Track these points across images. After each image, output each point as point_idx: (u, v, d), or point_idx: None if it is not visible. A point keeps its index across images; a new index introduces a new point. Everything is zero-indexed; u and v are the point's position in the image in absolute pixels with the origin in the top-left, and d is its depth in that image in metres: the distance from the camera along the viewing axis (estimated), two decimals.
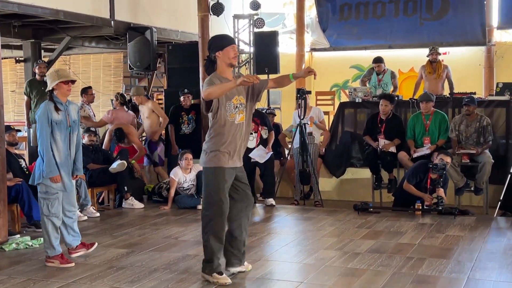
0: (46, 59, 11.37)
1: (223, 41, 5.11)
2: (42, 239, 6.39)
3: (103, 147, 9.28)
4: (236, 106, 4.96)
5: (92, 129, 8.96)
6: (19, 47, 11.84)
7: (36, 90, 10.01)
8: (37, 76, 10.11)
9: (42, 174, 5.52)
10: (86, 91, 10.32)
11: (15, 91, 15.61)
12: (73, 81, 5.71)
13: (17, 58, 13.15)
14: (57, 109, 5.50)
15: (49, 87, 5.57)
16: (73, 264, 5.54)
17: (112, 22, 10.60)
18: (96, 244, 6.02)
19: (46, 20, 10.10)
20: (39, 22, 10.35)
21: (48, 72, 5.72)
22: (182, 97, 9.84)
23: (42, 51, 11.85)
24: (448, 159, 7.68)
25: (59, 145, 5.53)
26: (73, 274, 5.24)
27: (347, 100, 10.46)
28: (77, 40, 11.78)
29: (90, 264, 5.58)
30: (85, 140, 8.57)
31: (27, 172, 7.57)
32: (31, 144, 10.45)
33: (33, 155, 10.56)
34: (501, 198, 7.88)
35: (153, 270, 5.32)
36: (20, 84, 14.34)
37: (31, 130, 10.21)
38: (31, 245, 6.29)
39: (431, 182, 7.71)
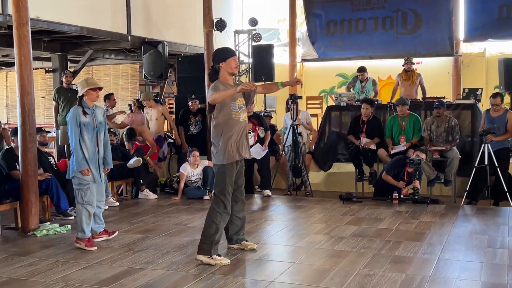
0: (72, 69, 11.35)
1: (226, 53, 5.14)
2: (69, 226, 6.45)
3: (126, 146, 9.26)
4: (240, 107, 5.01)
5: (112, 130, 8.94)
6: (48, 59, 11.83)
7: (63, 96, 9.99)
8: (64, 84, 10.08)
9: (74, 169, 5.55)
10: (109, 97, 10.39)
11: (45, 97, 15.61)
12: (100, 88, 5.76)
13: (47, 69, 13.11)
14: (84, 113, 5.53)
15: (80, 93, 5.60)
16: (96, 248, 5.54)
17: (129, 37, 10.60)
18: (117, 232, 6.04)
19: (72, 36, 10.08)
20: (65, 37, 10.33)
21: (79, 81, 5.75)
22: (190, 102, 9.82)
23: (68, 62, 11.83)
24: (423, 156, 7.68)
25: (87, 143, 5.56)
26: (96, 257, 5.24)
27: (334, 104, 10.43)
28: (98, 52, 11.77)
29: (111, 248, 5.57)
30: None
31: (55, 168, 7.57)
32: (59, 143, 10.42)
33: (61, 153, 10.56)
34: (467, 189, 7.87)
35: (165, 253, 5.32)
36: (49, 91, 14.33)
37: (59, 131, 10.18)
38: (60, 231, 6.28)
39: (408, 175, 7.71)
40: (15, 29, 6.24)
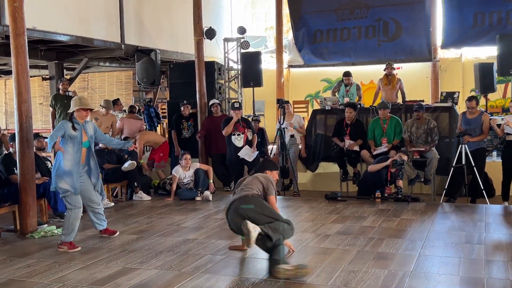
0: (68, 77, 11.31)
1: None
2: None
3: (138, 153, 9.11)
4: None
5: (107, 135, 8.88)
6: (45, 67, 11.74)
7: (60, 103, 9.91)
8: (60, 91, 10.00)
9: (55, 182, 5.59)
10: (116, 102, 10.71)
11: (42, 104, 15.49)
12: (91, 109, 5.84)
13: (44, 76, 13.02)
14: (74, 128, 5.56)
15: (71, 110, 5.63)
16: (79, 248, 5.52)
17: (122, 45, 10.56)
18: (118, 232, 6.06)
19: (68, 45, 10.03)
20: (61, 46, 10.26)
21: (74, 98, 5.78)
22: (182, 107, 9.79)
23: (64, 70, 11.76)
24: (405, 157, 7.70)
25: (70, 155, 5.54)
26: (92, 257, 5.19)
27: (319, 107, 10.45)
28: (93, 60, 11.71)
29: (106, 248, 5.53)
30: (101, 145, 8.49)
31: None
32: None
33: None
34: (445, 187, 7.91)
35: (159, 252, 5.29)
36: (46, 98, 14.23)
37: None
38: (57, 233, 6.21)
39: (391, 175, 7.73)
40: (12, 39, 6.18)
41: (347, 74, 10.41)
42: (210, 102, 9.74)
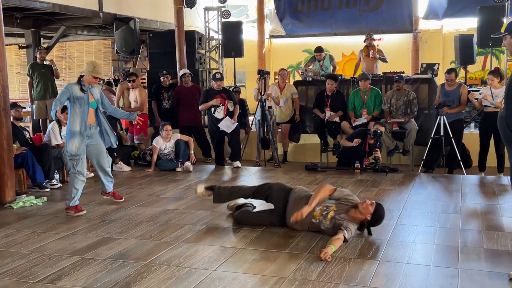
0: (45, 45, 11.08)
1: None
2: (45, 198, 6.39)
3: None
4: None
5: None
6: (21, 35, 11.51)
7: (37, 72, 9.76)
8: (38, 60, 9.83)
9: (68, 142, 5.67)
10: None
11: (20, 73, 15.21)
12: (102, 79, 5.96)
13: (20, 45, 12.78)
14: (82, 90, 5.61)
15: (82, 73, 5.68)
16: (85, 212, 5.67)
17: (100, 13, 10.37)
18: (123, 198, 6.21)
19: (44, 12, 9.80)
20: (38, 13, 10.05)
21: (88, 61, 5.88)
22: (162, 77, 9.68)
23: (42, 38, 11.52)
24: (382, 128, 7.76)
25: (78, 116, 5.61)
26: (71, 227, 5.19)
27: (300, 79, 10.42)
28: (71, 29, 11.49)
29: (86, 218, 5.52)
30: None
31: (30, 142, 7.42)
32: (34, 118, 10.22)
33: (36, 127, 10.36)
34: (423, 158, 8.03)
35: (139, 222, 5.30)
36: (24, 67, 13.98)
37: (34, 106, 9.97)
38: (35, 203, 6.20)
39: (369, 146, 7.80)
40: None
41: (319, 50, 10.35)
42: (181, 72, 9.62)
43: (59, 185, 7.20)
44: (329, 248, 4.18)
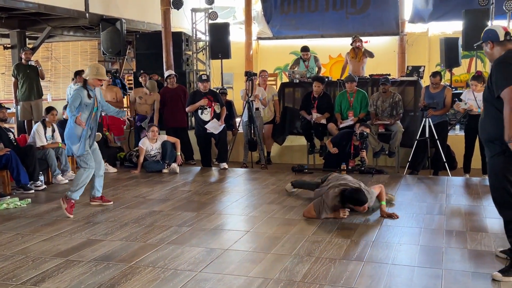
0: (30, 46, 10.98)
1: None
2: (29, 199, 6.32)
3: None
4: None
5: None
6: (6, 36, 11.41)
7: (22, 72, 9.66)
8: (23, 61, 9.73)
9: (71, 147, 5.77)
10: (80, 73, 10.07)
11: (5, 73, 15.07)
12: (113, 75, 5.85)
13: (5, 45, 12.63)
14: (89, 96, 5.69)
15: (86, 77, 5.73)
16: (71, 216, 5.62)
17: (87, 14, 10.31)
18: (112, 202, 6.15)
19: (30, 13, 9.72)
20: (23, 14, 9.96)
21: (91, 65, 5.89)
22: (140, 78, 9.69)
23: (27, 39, 11.42)
24: (367, 130, 7.80)
25: (84, 120, 5.69)
26: (56, 229, 5.15)
27: (287, 80, 10.45)
28: (57, 29, 11.40)
29: (70, 220, 5.48)
30: (65, 115, 8.35)
31: (15, 143, 7.35)
32: (19, 119, 10.12)
33: (21, 128, 10.26)
34: (409, 160, 8.07)
35: (124, 224, 5.28)
36: (9, 68, 13.85)
37: (19, 107, 9.87)
38: (20, 205, 6.14)
39: (354, 148, 7.84)
40: None
41: (305, 49, 10.37)
42: (166, 73, 9.61)
43: (44, 186, 7.14)
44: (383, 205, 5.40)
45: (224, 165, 8.51)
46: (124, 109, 9.90)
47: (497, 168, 3.75)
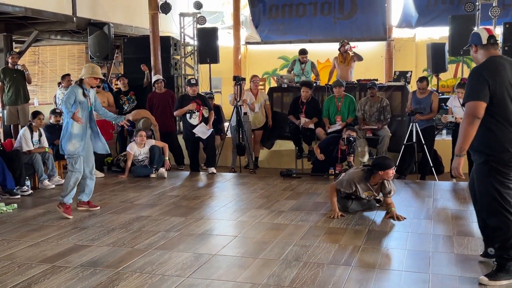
0: (17, 50, 10.92)
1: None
2: (15, 205, 6.27)
3: None
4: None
5: (58, 110, 8.66)
6: None
7: (9, 77, 9.58)
8: (9, 65, 9.65)
9: (64, 145, 5.81)
10: (65, 78, 10.04)
11: None
12: (101, 79, 6.09)
13: None
14: (84, 94, 5.78)
15: (82, 76, 5.81)
16: (71, 217, 5.71)
17: (74, 18, 10.25)
18: (99, 207, 6.13)
19: (17, 16, 9.64)
20: (10, 18, 9.87)
21: (86, 65, 5.98)
22: (118, 81, 9.68)
23: (14, 43, 11.33)
24: (354, 134, 7.82)
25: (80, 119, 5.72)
26: (42, 235, 5.10)
27: (276, 85, 10.47)
28: (44, 33, 11.32)
29: (57, 225, 5.44)
30: (52, 120, 8.31)
31: (1, 148, 7.29)
32: (5, 123, 10.02)
33: (7, 133, 10.16)
34: (396, 164, 8.10)
35: (111, 229, 5.24)
36: None
37: (5, 111, 9.78)
38: (6, 210, 6.08)
39: (341, 152, 7.86)
40: None
41: (303, 52, 10.42)
42: (154, 78, 9.60)
43: (30, 191, 7.08)
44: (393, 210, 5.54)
45: (213, 169, 8.49)
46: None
47: (482, 176, 3.79)
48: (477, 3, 10.42)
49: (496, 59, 3.74)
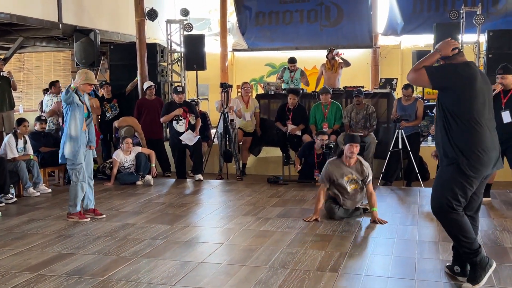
0: (2, 57, 10.81)
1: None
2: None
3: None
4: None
5: (43, 117, 8.59)
6: None
7: None
8: None
9: (65, 154, 5.83)
10: (54, 84, 9.95)
11: None
12: (95, 84, 6.17)
13: None
14: (80, 100, 5.84)
15: (77, 83, 5.80)
16: (89, 219, 5.88)
17: (60, 25, 10.18)
18: (104, 215, 6.07)
19: (2, 23, 9.56)
20: None
21: (80, 71, 6.00)
22: (102, 89, 9.65)
23: None
24: (325, 137, 7.82)
25: (77, 123, 5.81)
26: (26, 243, 5.04)
27: (263, 92, 10.49)
28: (29, 40, 11.23)
29: (42, 234, 5.38)
30: (37, 127, 8.25)
31: None
32: None
33: None
34: (382, 171, 8.16)
35: (97, 238, 5.20)
36: None
37: None
38: None
39: (317, 157, 7.87)
40: None
41: (292, 61, 10.43)
42: (146, 85, 9.61)
43: (15, 199, 7.00)
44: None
45: (199, 176, 8.47)
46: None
47: (445, 176, 3.78)
48: (461, 11, 10.55)
49: (470, 64, 3.89)
